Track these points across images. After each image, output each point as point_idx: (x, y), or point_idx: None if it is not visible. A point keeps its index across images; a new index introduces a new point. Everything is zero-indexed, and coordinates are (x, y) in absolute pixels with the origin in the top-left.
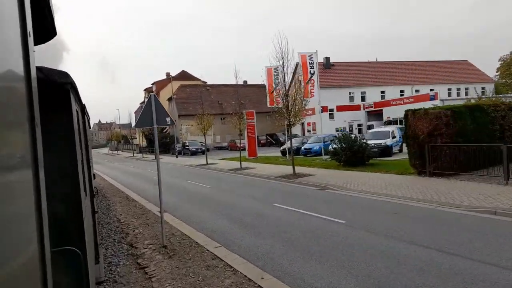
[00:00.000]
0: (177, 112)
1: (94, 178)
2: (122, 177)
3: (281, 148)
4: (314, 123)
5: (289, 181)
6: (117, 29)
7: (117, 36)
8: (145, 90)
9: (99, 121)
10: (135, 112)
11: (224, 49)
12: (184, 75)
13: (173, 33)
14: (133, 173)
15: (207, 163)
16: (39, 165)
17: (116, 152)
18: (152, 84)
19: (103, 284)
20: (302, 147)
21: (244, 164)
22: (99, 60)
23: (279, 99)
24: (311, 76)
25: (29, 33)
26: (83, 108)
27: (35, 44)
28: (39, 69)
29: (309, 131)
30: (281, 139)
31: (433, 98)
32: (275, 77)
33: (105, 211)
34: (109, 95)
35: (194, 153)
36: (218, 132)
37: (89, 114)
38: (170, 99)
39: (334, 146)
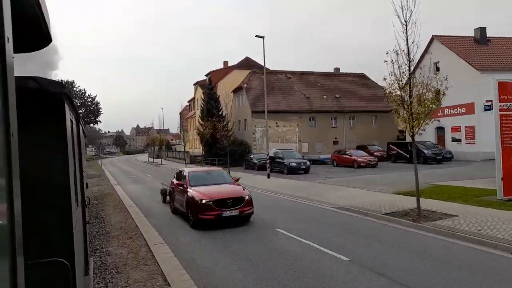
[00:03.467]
0: (249, 108)
1: (87, 187)
2: None
3: None
4: (473, 127)
5: None
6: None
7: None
8: (195, 84)
9: (137, 126)
10: (180, 113)
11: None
12: (247, 63)
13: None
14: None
15: (420, 218)
16: (14, 175)
17: (159, 160)
18: (207, 75)
19: None
20: None
21: None
22: (132, 59)
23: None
24: None
25: (8, 38)
26: (78, 117)
27: (30, 50)
28: (34, 79)
29: (456, 140)
30: (426, 151)
31: None
32: None
33: None
34: (147, 98)
35: (291, 171)
36: (306, 137)
37: (84, 124)
38: (236, 91)
39: None
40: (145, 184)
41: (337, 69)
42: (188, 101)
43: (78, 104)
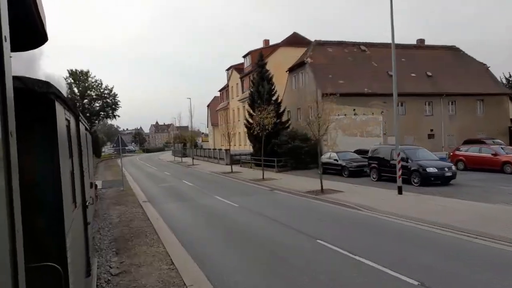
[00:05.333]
0: (317, 90)
1: (92, 187)
2: None
3: None
4: None
5: None
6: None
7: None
8: (229, 69)
9: (156, 122)
10: (208, 106)
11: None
12: (296, 40)
13: None
14: None
15: None
16: (13, 175)
17: (188, 160)
18: (245, 56)
19: None
20: None
21: None
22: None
23: None
24: None
25: (5, 37)
26: (77, 116)
27: (27, 49)
28: (18, 78)
29: None
30: None
31: None
32: None
33: None
34: (167, 92)
35: (428, 181)
36: (391, 129)
37: (86, 123)
38: (294, 69)
39: None
40: (191, 201)
41: (421, 41)
42: (219, 90)
43: (94, 96)
